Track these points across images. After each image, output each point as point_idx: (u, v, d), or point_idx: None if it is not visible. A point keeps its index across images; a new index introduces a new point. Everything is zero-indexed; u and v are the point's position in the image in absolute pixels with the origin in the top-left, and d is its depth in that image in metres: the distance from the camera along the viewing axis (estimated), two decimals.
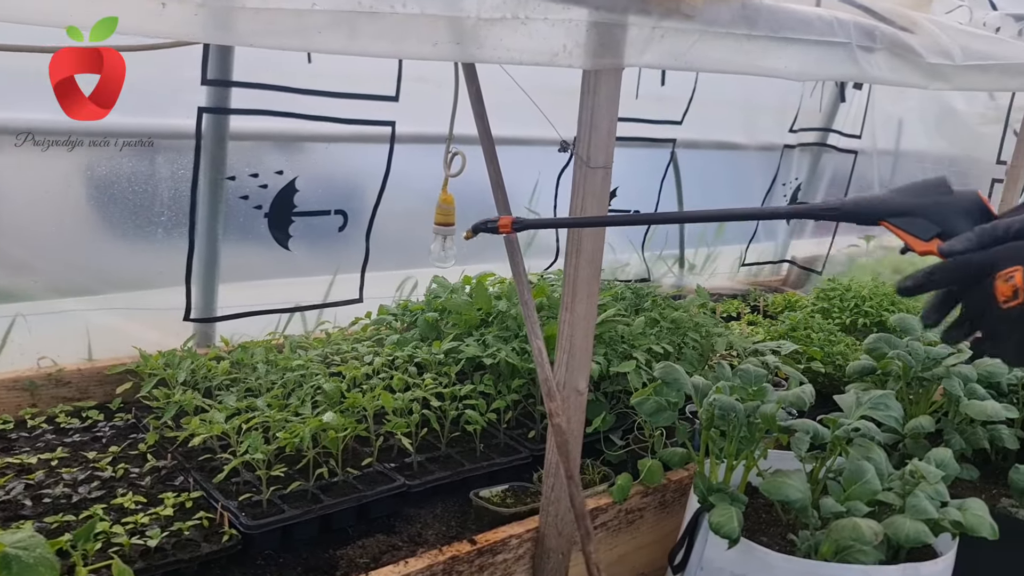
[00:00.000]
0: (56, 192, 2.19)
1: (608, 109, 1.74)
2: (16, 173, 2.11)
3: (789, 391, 1.98)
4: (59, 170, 2.15)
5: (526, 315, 1.74)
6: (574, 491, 1.71)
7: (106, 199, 2.27)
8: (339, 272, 2.70)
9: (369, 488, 1.99)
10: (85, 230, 2.28)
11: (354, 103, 2.50)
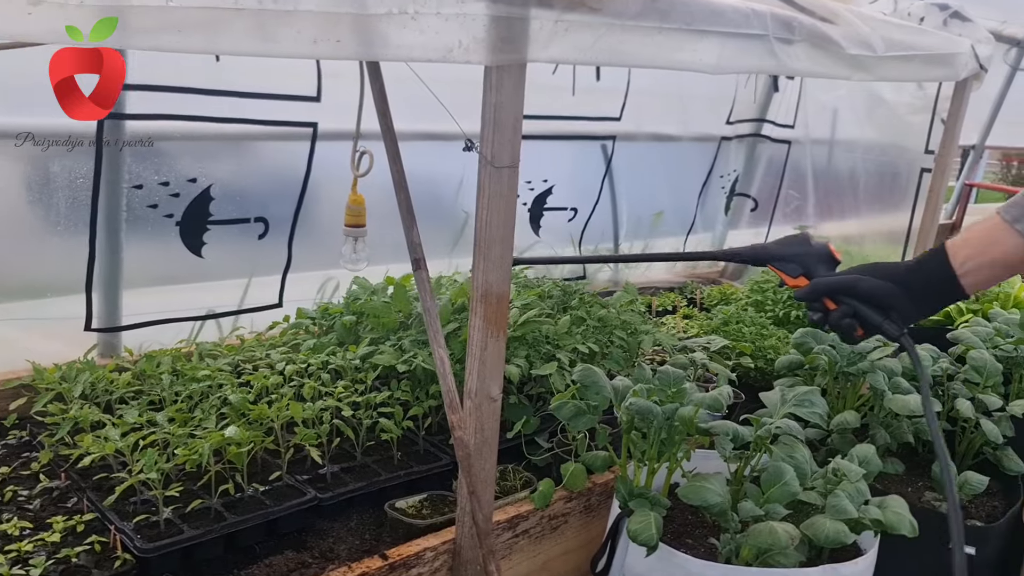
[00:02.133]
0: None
1: (512, 106, 1.67)
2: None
3: (707, 393, 1.93)
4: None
5: (428, 323, 1.67)
6: (475, 507, 1.65)
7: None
8: (257, 276, 2.60)
9: (277, 503, 1.91)
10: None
11: (273, 104, 2.39)
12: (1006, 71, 5.52)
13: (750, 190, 4.07)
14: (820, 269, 1.53)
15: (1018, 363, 2.61)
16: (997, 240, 1.37)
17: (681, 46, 1.89)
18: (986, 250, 1.38)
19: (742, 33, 2.02)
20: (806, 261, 1.53)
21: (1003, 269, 1.40)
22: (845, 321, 1.46)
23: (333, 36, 1.34)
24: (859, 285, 1.44)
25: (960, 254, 1.40)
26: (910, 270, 1.44)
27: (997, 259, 1.38)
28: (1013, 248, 1.36)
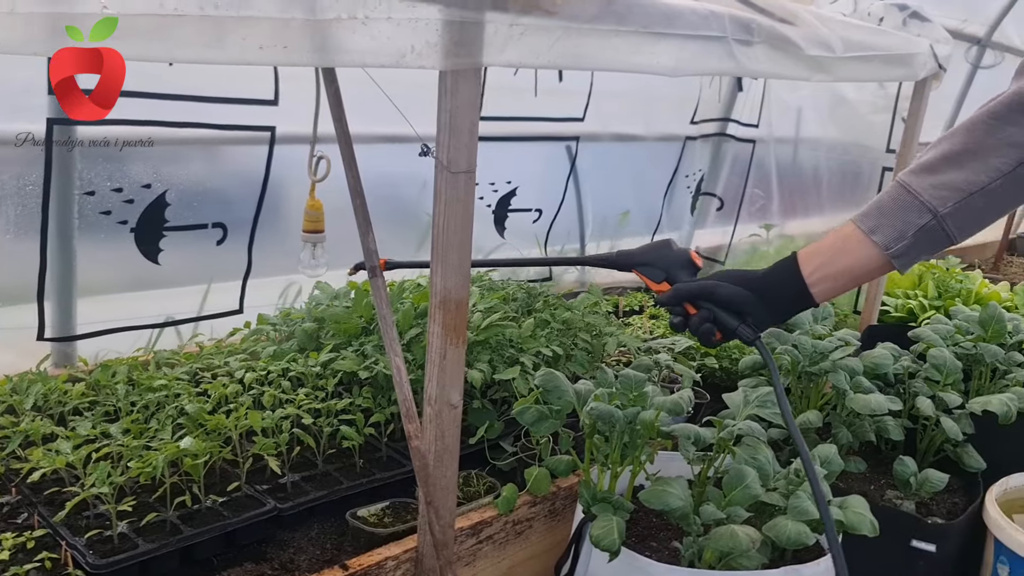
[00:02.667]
0: None
1: (468, 111, 1.66)
2: None
3: (668, 397, 1.93)
4: None
5: (384, 331, 1.65)
6: (432, 519, 1.63)
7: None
8: (217, 282, 2.56)
9: (236, 514, 1.88)
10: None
11: (230, 108, 2.35)
12: (967, 69, 5.59)
13: (716, 189, 4.08)
14: (682, 275, 1.55)
15: (977, 360, 2.64)
16: (848, 250, 1.37)
17: (639, 49, 1.88)
18: (835, 259, 1.39)
19: (700, 35, 2.02)
20: (668, 266, 1.56)
21: (850, 279, 1.41)
22: (704, 326, 1.48)
23: (280, 42, 1.32)
24: (717, 291, 1.46)
25: (810, 263, 1.41)
26: (764, 277, 1.46)
27: (844, 269, 1.39)
28: (865, 258, 1.36)
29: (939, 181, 1.29)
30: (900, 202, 1.33)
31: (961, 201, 1.28)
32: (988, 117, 1.30)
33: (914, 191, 1.31)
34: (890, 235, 1.33)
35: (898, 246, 1.33)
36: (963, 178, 1.28)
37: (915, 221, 1.31)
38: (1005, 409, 2.34)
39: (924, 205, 1.30)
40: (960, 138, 1.31)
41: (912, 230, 1.31)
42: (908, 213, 1.32)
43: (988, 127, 1.29)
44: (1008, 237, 7.10)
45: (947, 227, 1.30)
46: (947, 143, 1.32)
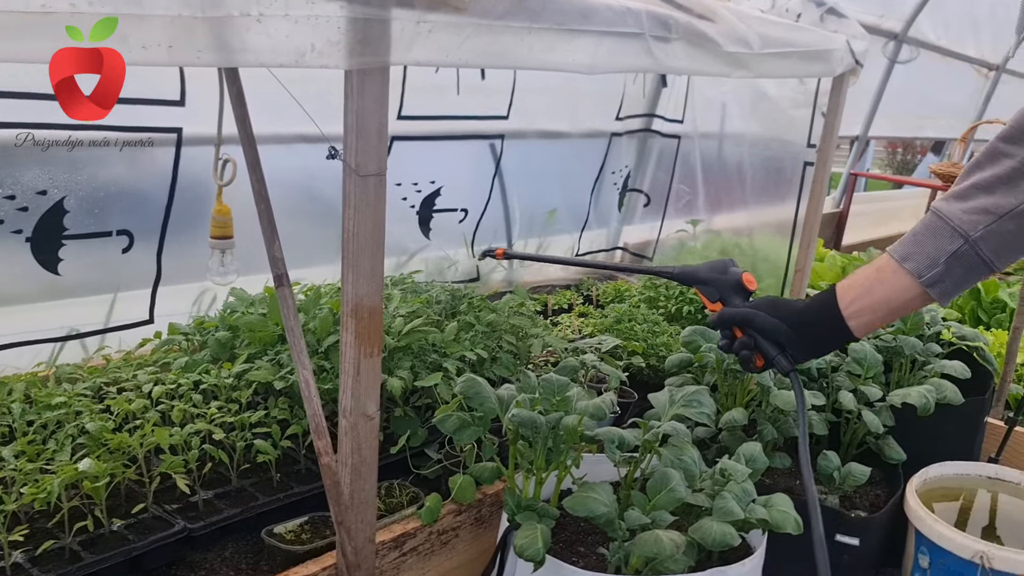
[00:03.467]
0: None
1: (377, 112, 1.59)
2: None
3: (590, 402, 1.90)
4: None
5: (292, 343, 1.58)
6: (344, 539, 1.57)
7: None
8: (124, 291, 2.44)
9: (142, 537, 1.79)
10: None
11: (133, 108, 2.23)
12: (885, 64, 5.72)
13: (642, 185, 4.08)
14: (733, 298, 1.55)
15: (897, 352, 2.67)
16: (884, 280, 1.34)
17: (553, 46, 1.84)
18: (872, 291, 1.35)
19: (617, 32, 1.99)
20: (722, 288, 1.56)
21: (888, 311, 1.36)
22: (744, 352, 1.49)
23: (165, 41, 1.24)
24: (755, 320, 1.46)
25: (847, 296, 1.38)
26: (802, 310, 1.44)
27: (881, 300, 1.34)
28: (901, 288, 1.32)
29: (970, 206, 1.26)
30: (932, 228, 1.30)
31: (992, 224, 1.25)
32: (1007, 141, 1.27)
33: (945, 216, 1.28)
34: (922, 262, 1.29)
35: (931, 273, 1.29)
36: (993, 202, 1.25)
37: (946, 247, 1.27)
38: (924, 401, 2.37)
39: (955, 230, 1.27)
40: (988, 164, 1.29)
41: (944, 256, 1.28)
42: (939, 239, 1.28)
43: (1011, 152, 1.26)
44: None
45: (980, 252, 1.26)
46: (977, 171, 1.30)
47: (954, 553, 2.15)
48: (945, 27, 5.94)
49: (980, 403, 2.64)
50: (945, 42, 6.05)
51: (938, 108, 6.97)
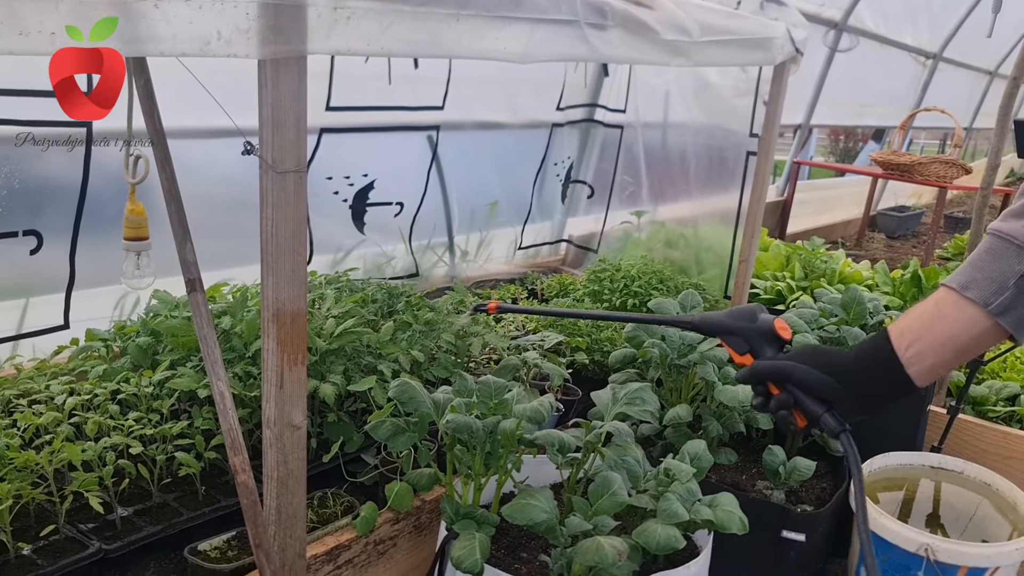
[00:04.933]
0: None
1: (294, 104, 1.49)
2: None
3: (527, 405, 1.83)
4: None
5: (205, 352, 1.48)
6: (263, 562, 1.47)
7: None
8: (36, 295, 2.30)
9: (51, 562, 1.67)
10: None
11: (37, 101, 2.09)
12: (826, 53, 5.74)
13: (586, 177, 4.02)
14: (766, 349, 1.34)
15: (840, 343, 2.65)
16: (945, 315, 1.16)
17: (483, 34, 1.76)
18: (932, 328, 1.17)
19: (550, 19, 1.91)
20: (751, 338, 1.36)
21: (955, 351, 1.17)
22: (782, 412, 1.29)
23: (48, 28, 1.13)
24: (794, 374, 1.25)
25: (904, 338, 1.18)
26: (853, 361, 1.24)
27: (946, 339, 1.16)
28: (966, 321, 1.14)
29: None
30: (993, 251, 1.14)
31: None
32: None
33: (1007, 235, 1.12)
34: (987, 288, 1.12)
35: (999, 300, 1.12)
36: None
37: (1015, 268, 1.11)
38: None
39: (1021, 248, 1.11)
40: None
41: (1013, 279, 1.11)
42: (1004, 261, 1.12)
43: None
44: (869, 214, 7.39)
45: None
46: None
47: (899, 546, 2.13)
48: (884, 16, 5.99)
49: (923, 392, 2.63)
50: (884, 30, 6.10)
51: (878, 96, 7.04)
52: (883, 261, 4.23)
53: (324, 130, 2.71)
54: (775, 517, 2.17)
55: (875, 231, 7.74)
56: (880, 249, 7.09)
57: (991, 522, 2.41)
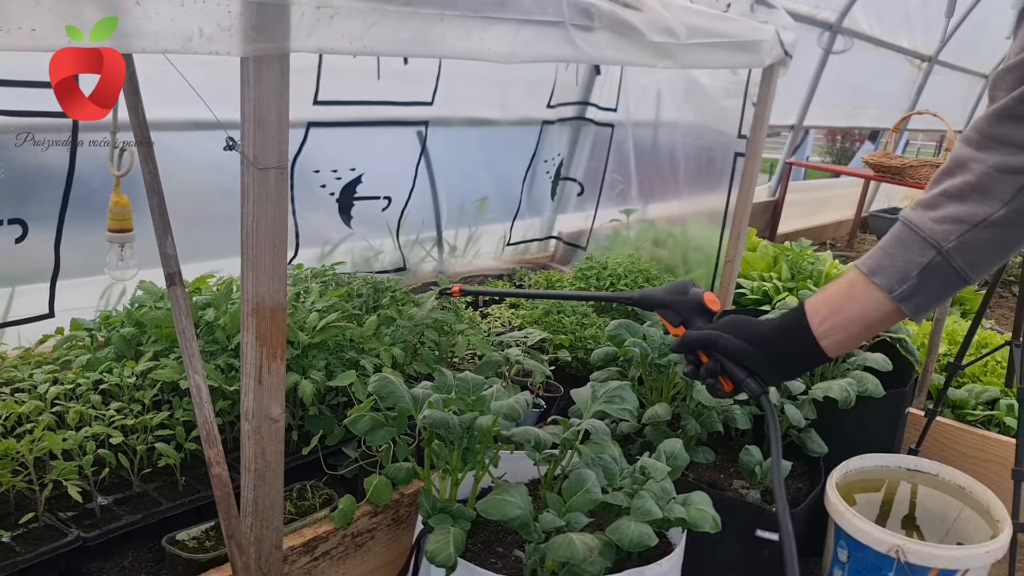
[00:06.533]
0: None
1: (276, 101, 1.51)
2: None
3: (504, 402, 1.85)
4: None
5: (183, 346, 1.49)
6: (235, 553, 1.50)
7: None
8: (21, 284, 2.32)
9: (31, 549, 1.69)
10: None
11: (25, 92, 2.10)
12: (820, 54, 5.76)
13: (575, 174, 4.03)
14: (696, 320, 1.44)
15: None
16: (856, 296, 1.24)
17: (468, 34, 1.77)
18: (844, 308, 1.25)
19: (536, 20, 1.93)
20: (683, 310, 1.46)
21: (863, 328, 1.26)
22: (709, 379, 1.39)
23: (27, 24, 1.14)
24: (720, 343, 1.35)
25: (819, 314, 1.27)
26: (771, 331, 1.33)
27: (855, 318, 1.25)
28: (874, 304, 1.22)
29: (940, 215, 1.18)
30: (901, 240, 1.21)
31: (966, 234, 1.17)
32: (973, 147, 1.21)
33: (915, 226, 1.19)
34: (893, 277, 1.20)
35: (902, 288, 1.20)
36: (965, 210, 1.17)
37: (918, 259, 1.19)
38: (845, 395, 2.37)
39: (927, 240, 1.18)
40: (958, 171, 1.21)
41: (916, 270, 1.19)
42: (910, 251, 1.20)
43: (978, 158, 1.19)
44: (861, 215, 7.42)
45: (955, 264, 1.19)
46: (946, 179, 1.22)
47: (871, 547, 2.16)
48: (879, 18, 6.01)
49: (901, 395, 2.66)
50: (879, 33, 6.12)
51: (872, 98, 7.07)
52: None
53: (312, 124, 2.72)
54: (749, 516, 2.20)
55: (867, 233, 7.78)
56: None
57: (969, 524, 2.44)
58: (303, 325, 2.19)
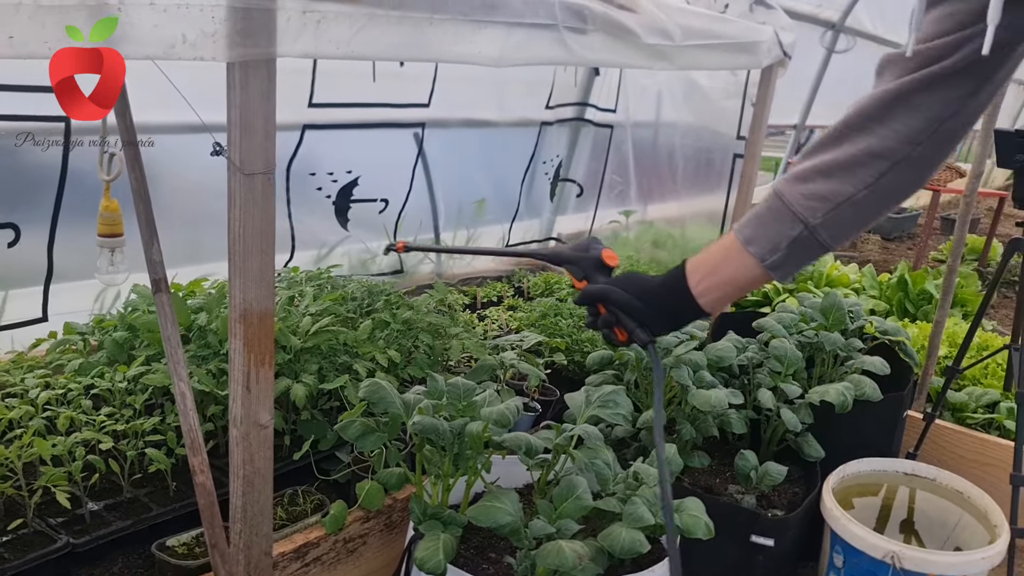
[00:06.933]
0: None
1: (263, 107, 1.50)
2: None
3: (494, 408, 1.84)
4: None
5: (169, 353, 1.49)
6: (217, 563, 1.49)
7: None
8: (15, 288, 2.31)
9: (19, 555, 1.69)
10: None
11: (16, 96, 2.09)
12: (822, 53, 5.72)
13: (575, 175, 4.02)
14: (596, 275, 1.53)
15: (819, 348, 2.66)
16: (730, 260, 1.35)
17: (457, 38, 1.76)
18: (719, 270, 1.36)
19: (528, 23, 1.92)
20: (585, 266, 1.54)
21: (735, 289, 1.38)
22: (605, 329, 1.50)
23: (6, 32, 1.13)
24: (612, 296, 1.45)
25: (696, 274, 1.38)
26: (657, 286, 1.44)
27: (728, 279, 1.36)
28: (746, 268, 1.33)
29: (809, 191, 1.28)
30: (774, 212, 1.31)
31: (831, 212, 1.27)
32: (849, 128, 1.28)
33: (787, 201, 1.29)
34: (765, 247, 1.31)
35: (773, 257, 1.31)
36: (831, 189, 1.27)
37: (788, 232, 1.29)
38: (841, 399, 2.36)
39: (796, 216, 1.28)
40: (830, 147, 1.30)
41: (786, 241, 1.30)
42: (781, 224, 1.30)
43: (852, 138, 1.27)
44: None
45: (819, 237, 1.29)
46: (819, 153, 1.31)
47: (866, 553, 2.14)
48: (881, 17, 5.96)
49: (899, 399, 2.64)
50: (882, 31, 6.08)
51: None
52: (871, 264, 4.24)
53: (307, 127, 2.72)
54: (744, 522, 2.18)
55: (871, 232, 7.75)
56: (875, 250, 7.09)
57: (967, 530, 2.42)
58: (295, 329, 2.18)
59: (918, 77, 1.24)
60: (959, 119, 1.26)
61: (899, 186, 1.28)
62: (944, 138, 1.27)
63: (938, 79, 1.22)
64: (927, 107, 1.24)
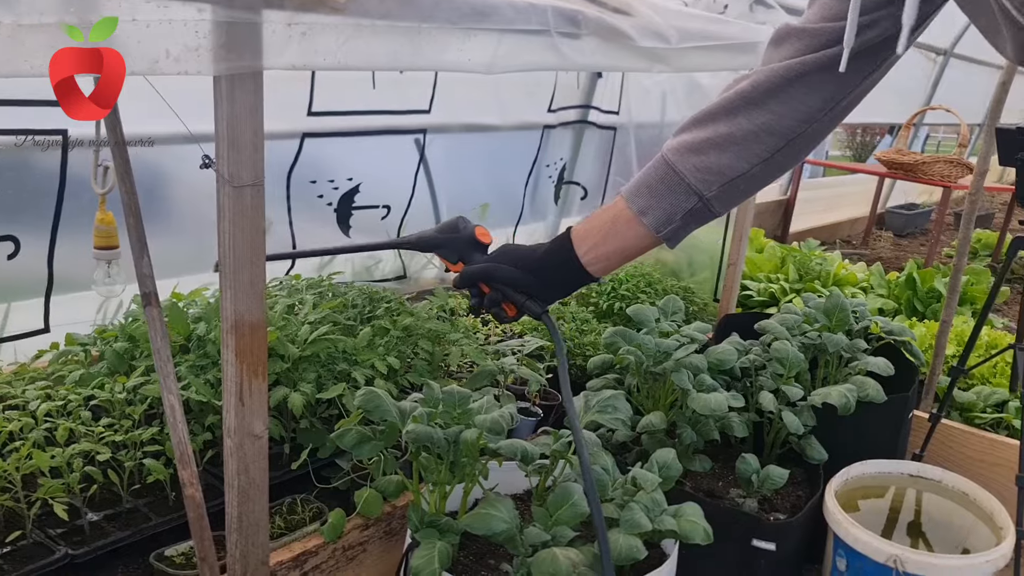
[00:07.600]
0: None
1: (251, 119, 1.50)
2: None
3: (488, 415, 1.83)
4: None
5: (159, 366, 1.49)
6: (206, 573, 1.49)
7: None
8: (17, 300, 2.33)
9: (18, 567, 1.70)
10: None
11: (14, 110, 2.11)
12: None
13: (579, 178, 4.01)
14: (473, 255, 1.52)
15: (822, 350, 2.64)
16: (619, 231, 1.37)
17: (447, 47, 1.76)
18: (608, 240, 1.38)
19: (519, 30, 1.92)
20: (459, 247, 1.53)
21: (624, 258, 1.41)
22: (494, 308, 1.49)
23: None
24: (497, 273, 1.46)
25: (584, 243, 1.40)
26: (542, 257, 1.45)
27: (617, 249, 1.39)
28: (636, 238, 1.36)
29: (704, 164, 1.30)
30: (668, 183, 1.33)
31: (725, 185, 1.31)
32: (745, 102, 1.29)
33: (681, 173, 1.32)
34: (660, 218, 1.34)
35: (667, 228, 1.35)
36: (726, 163, 1.30)
37: (683, 205, 1.33)
38: (844, 401, 2.34)
39: (691, 188, 1.31)
40: (724, 120, 1.31)
41: (680, 213, 1.33)
42: (676, 196, 1.33)
43: (747, 113, 1.29)
44: (876, 212, 7.34)
45: (713, 208, 1.34)
46: (712, 124, 1.32)
47: (869, 556, 2.13)
48: None
49: (904, 400, 2.62)
50: None
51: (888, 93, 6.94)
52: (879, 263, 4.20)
53: (306, 135, 2.72)
54: (745, 526, 2.17)
55: (883, 229, 7.69)
56: (886, 248, 7.04)
57: (974, 532, 2.39)
58: (294, 338, 2.19)
59: (819, 57, 1.26)
60: (853, 97, 1.29)
61: (790, 160, 1.33)
62: (838, 115, 1.31)
63: (838, 61, 1.22)
64: (825, 87, 1.26)
